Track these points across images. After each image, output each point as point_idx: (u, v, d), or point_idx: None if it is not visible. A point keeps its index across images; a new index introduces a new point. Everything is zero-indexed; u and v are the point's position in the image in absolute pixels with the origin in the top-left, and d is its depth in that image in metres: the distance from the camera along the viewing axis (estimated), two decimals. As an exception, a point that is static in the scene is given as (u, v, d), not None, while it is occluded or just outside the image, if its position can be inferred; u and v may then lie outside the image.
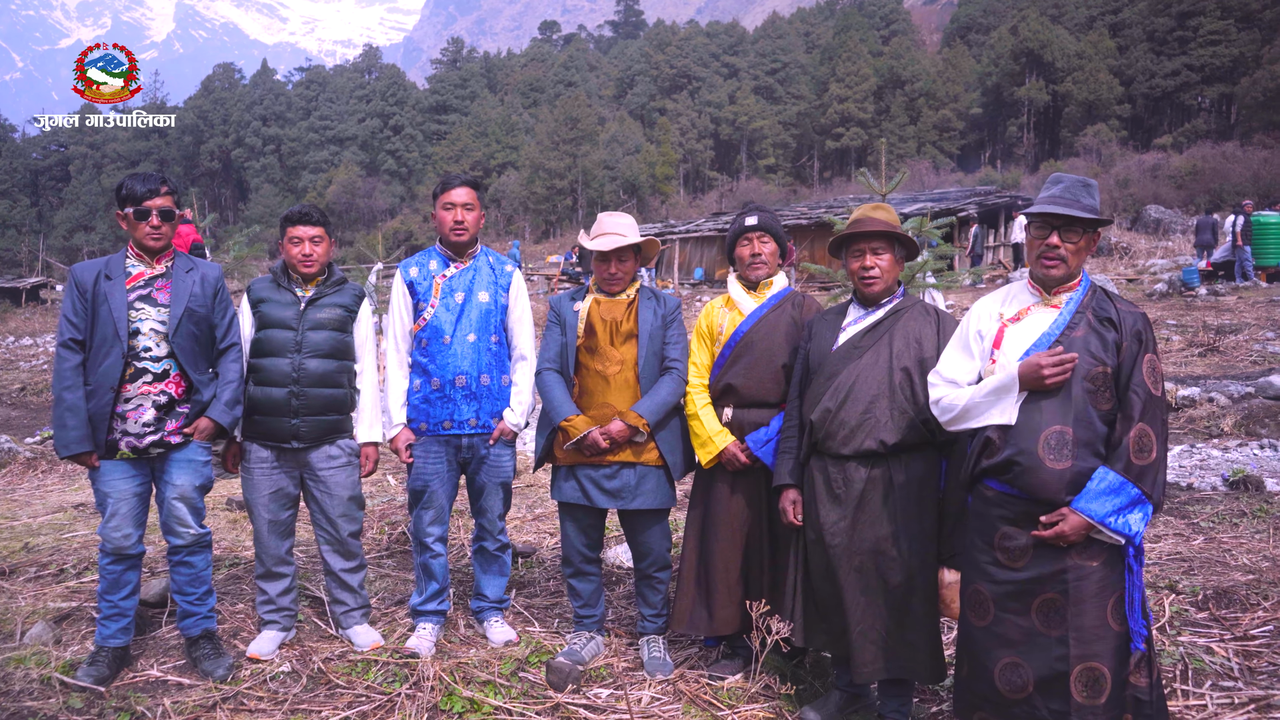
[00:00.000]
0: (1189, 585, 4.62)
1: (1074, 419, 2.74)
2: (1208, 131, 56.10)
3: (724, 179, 74.37)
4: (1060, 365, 2.74)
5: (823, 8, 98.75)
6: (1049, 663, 2.74)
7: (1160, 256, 26.23)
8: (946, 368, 3.06)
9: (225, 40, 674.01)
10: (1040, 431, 2.76)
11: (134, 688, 3.74)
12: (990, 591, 2.87)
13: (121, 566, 3.79)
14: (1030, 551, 2.78)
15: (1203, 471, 6.97)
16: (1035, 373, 2.76)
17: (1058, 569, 2.74)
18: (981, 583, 2.90)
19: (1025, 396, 2.81)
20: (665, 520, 4.08)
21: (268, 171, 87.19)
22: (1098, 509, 2.66)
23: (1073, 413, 2.74)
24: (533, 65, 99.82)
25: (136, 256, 3.84)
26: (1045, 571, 2.76)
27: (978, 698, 2.91)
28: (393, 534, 5.91)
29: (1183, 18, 60.92)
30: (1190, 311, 16.17)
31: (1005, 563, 2.83)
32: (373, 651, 4.08)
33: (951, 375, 3.02)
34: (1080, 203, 2.85)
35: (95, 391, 3.65)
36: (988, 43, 71.24)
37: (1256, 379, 9.61)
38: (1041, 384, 2.76)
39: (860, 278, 3.48)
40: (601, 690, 3.75)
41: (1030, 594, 2.78)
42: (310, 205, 4.18)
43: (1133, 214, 36.84)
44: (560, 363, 4.04)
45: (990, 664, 2.85)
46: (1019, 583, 2.80)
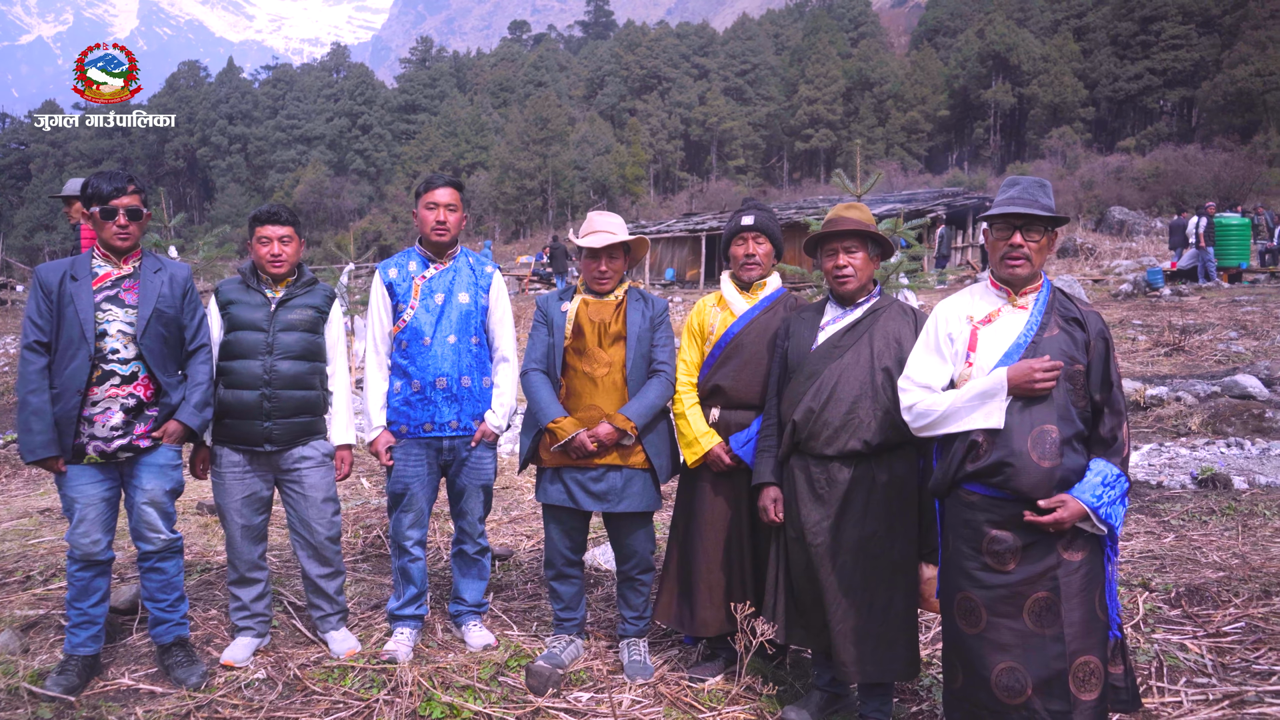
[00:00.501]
0: (1161, 583, 4.67)
1: (1058, 418, 2.78)
2: (1169, 134, 57.18)
3: (694, 180, 74.58)
4: (1051, 372, 2.77)
5: (792, 10, 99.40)
6: (1046, 662, 2.74)
7: (1125, 257, 26.59)
8: (918, 372, 3.04)
9: (190, 38, 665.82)
10: (1028, 432, 2.78)
11: (105, 697, 3.66)
12: (981, 598, 2.85)
13: (90, 573, 3.71)
14: (1019, 553, 2.80)
15: (1171, 470, 7.06)
16: (1028, 378, 2.77)
17: (1047, 567, 2.77)
18: (971, 589, 2.88)
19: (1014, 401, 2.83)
20: (650, 523, 4.06)
21: (234, 171, 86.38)
22: (1096, 499, 2.73)
23: (1056, 412, 2.78)
24: (502, 65, 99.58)
25: (103, 257, 3.75)
26: (1035, 571, 2.78)
27: (976, 706, 2.87)
28: (368, 537, 5.84)
29: (1145, 22, 62.00)
30: (1155, 311, 16.39)
31: (994, 566, 2.83)
32: (350, 657, 4.02)
33: (925, 380, 3.01)
34: (1039, 202, 2.91)
35: (61, 395, 3.56)
36: (955, 45, 72.04)
37: (1222, 378, 9.75)
38: (1033, 390, 2.78)
39: (835, 276, 3.49)
40: (582, 694, 3.72)
41: (1021, 595, 2.79)
42: (279, 204, 4.11)
43: (1097, 215, 37.38)
44: (547, 363, 4.00)
45: (987, 672, 2.83)
46: (1009, 586, 2.81)
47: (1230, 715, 3.40)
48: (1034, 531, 2.78)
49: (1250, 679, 3.69)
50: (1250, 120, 52.03)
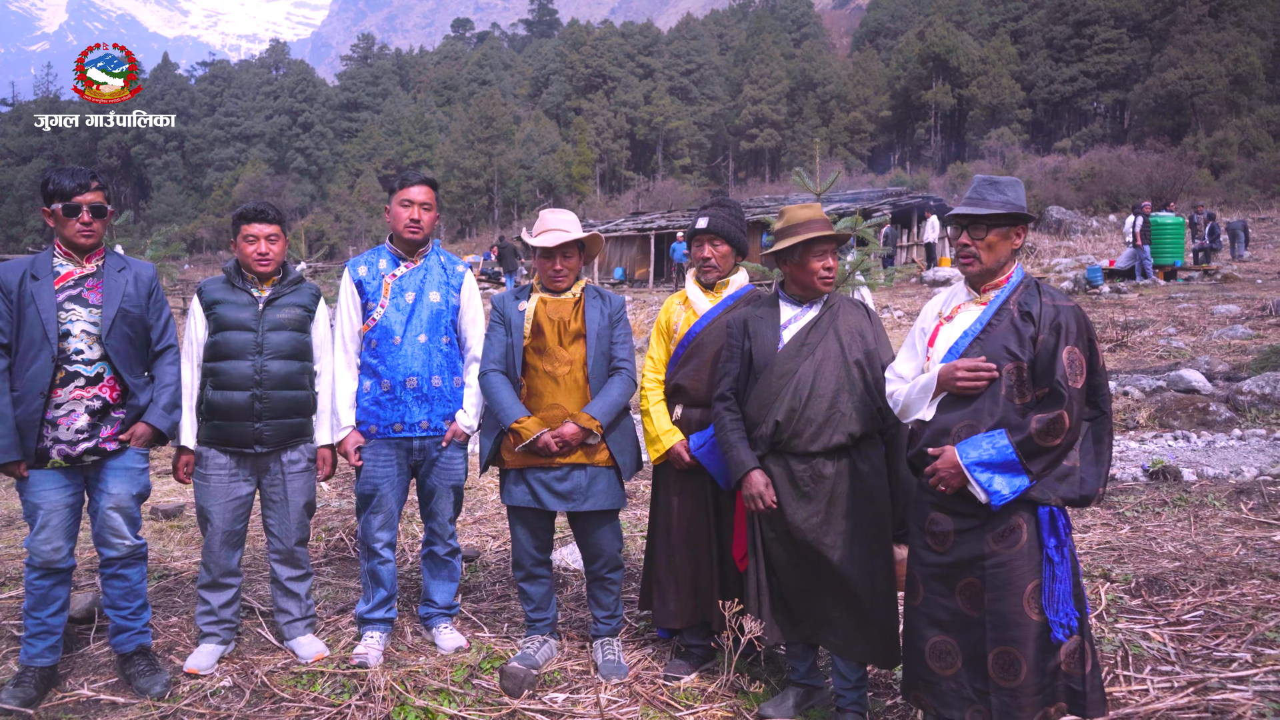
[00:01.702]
0: (1121, 573, 4.77)
1: (986, 413, 2.84)
2: (1104, 135, 58.65)
3: (640, 179, 74.65)
4: (975, 373, 2.86)
5: (735, 10, 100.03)
6: (972, 643, 2.86)
7: (1064, 255, 27.20)
8: (898, 364, 3.18)
9: (122, 33, 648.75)
10: (951, 426, 2.89)
11: (64, 709, 3.54)
12: (920, 573, 3.01)
13: (50, 581, 3.59)
14: (954, 536, 2.90)
15: (1123, 463, 7.23)
16: (949, 377, 2.91)
17: (977, 555, 2.85)
18: (914, 565, 3.05)
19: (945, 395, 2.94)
20: (616, 521, 4.05)
21: (170, 169, 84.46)
22: (970, 453, 2.78)
23: (986, 406, 2.84)
24: (446, 63, 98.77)
25: (65, 255, 3.64)
26: (965, 557, 2.87)
27: (913, 676, 3.04)
28: (331, 540, 5.74)
29: (1079, 26, 63.44)
30: (1096, 308, 16.79)
31: (933, 546, 2.96)
32: (318, 662, 3.94)
33: (900, 371, 3.15)
34: (986, 200, 2.97)
35: (23, 398, 3.45)
36: (896, 47, 73.02)
37: (1166, 373, 10.01)
38: (955, 389, 2.90)
39: (823, 278, 3.49)
40: (558, 694, 3.69)
41: (953, 577, 2.90)
42: (265, 202, 4.04)
43: (1036, 215, 38.15)
44: (506, 363, 3.95)
45: (921, 643, 2.99)
46: (943, 566, 2.92)
47: (1195, 702, 3.48)
48: (968, 519, 2.87)
49: (1212, 666, 3.77)
50: (1180, 122, 53.59)
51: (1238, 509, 5.86)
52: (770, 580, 3.52)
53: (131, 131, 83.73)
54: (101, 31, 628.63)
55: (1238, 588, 4.49)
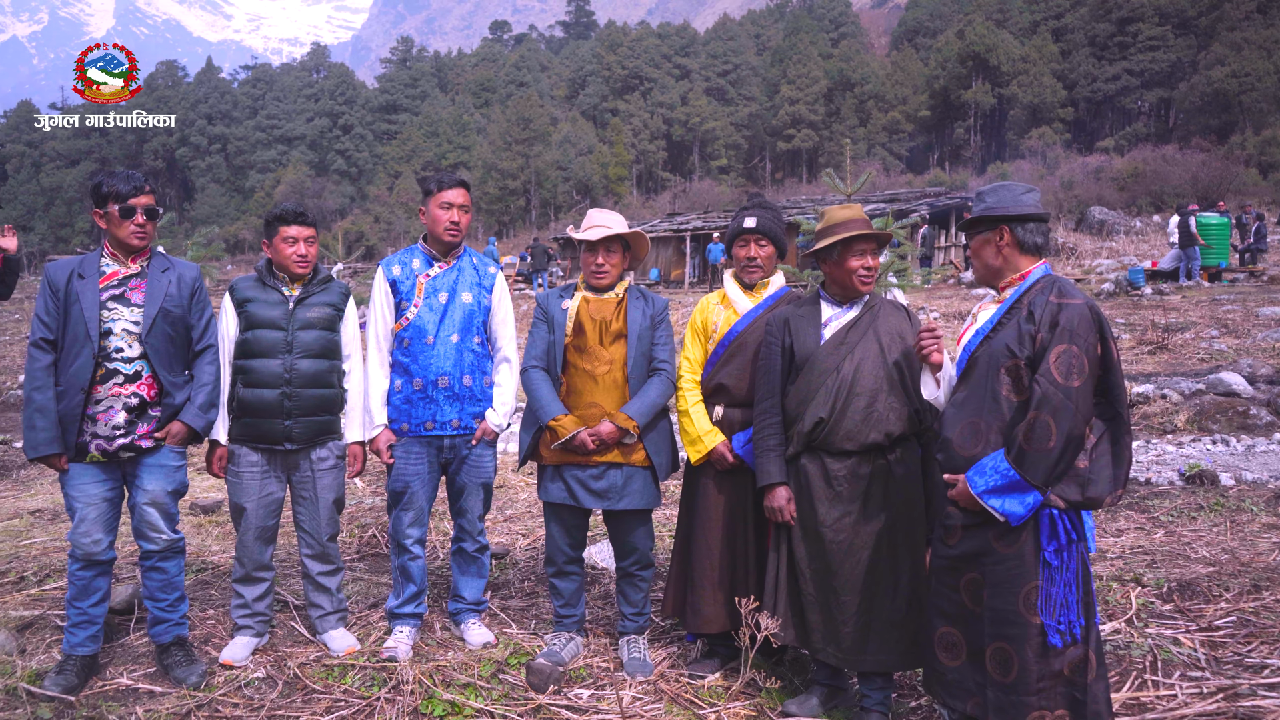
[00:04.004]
0: (1153, 578, 4.72)
1: (986, 410, 2.88)
2: (1148, 135, 57.66)
3: (677, 180, 74.61)
4: (931, 336, 3.15)
5: (773, 10, 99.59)
6: (974, 637, 2.90)
7: (1106, 257, 26.81)
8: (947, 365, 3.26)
9: (167, 37, 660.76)
10: (959, 423, 2.95)
11: (104, 696, 3.64)
12: (933, 564, 3.09)
13: (91, 573, 3.70)
14: (961, 531, 2.94)
15: (1159, 466, 7.14)
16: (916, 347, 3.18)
17: (979, 551, 2.88)
18: (932, 557, 3.13)
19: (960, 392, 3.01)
20: (649, 520, 4.08)
21: (214, 171, 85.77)
22: (979, 482, 2.82)
23: (986, 404, 2.88)
24: (484, 65, 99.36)
25: (111, 256, 3.76)
26: (969, 551, 2.91)
27: (929, 669, 3.10)
28: (363, 537, 5.83)
29: (1122, 23, 62.46)
30: (1138, 310, 16.54)
31: (945, 539, 3.01)
32: (349, 656, 4.01)
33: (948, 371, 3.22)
34: (974, 211, 3.11)
35: (65, 392, 3.57)
36: (935, 46, 72.30)
37: (1206, 376, 9.85)
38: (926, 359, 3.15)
39: (860, 277, 3.51)
40: (583, 691, 3.73)
41: (958, 571, 2.95)
42: (300, 204, 4.12)
43: (1077, 215, 37.59)
44: (547, 361, 4.00)
45: (931, 633, 3.05)
46: (950, 559, 2.98)
47: (1224, 708, 3.44)
48: (973, 515, 2.89)
49: (1243, 672, 3.73)
50: (1227, 121, 52.59)
51: (1276, 514, 5.77)
52: (789, 580, 3.54)
53: (177, 134, 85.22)
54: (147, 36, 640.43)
55: (1272, 594, 4.42)
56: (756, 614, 3.45)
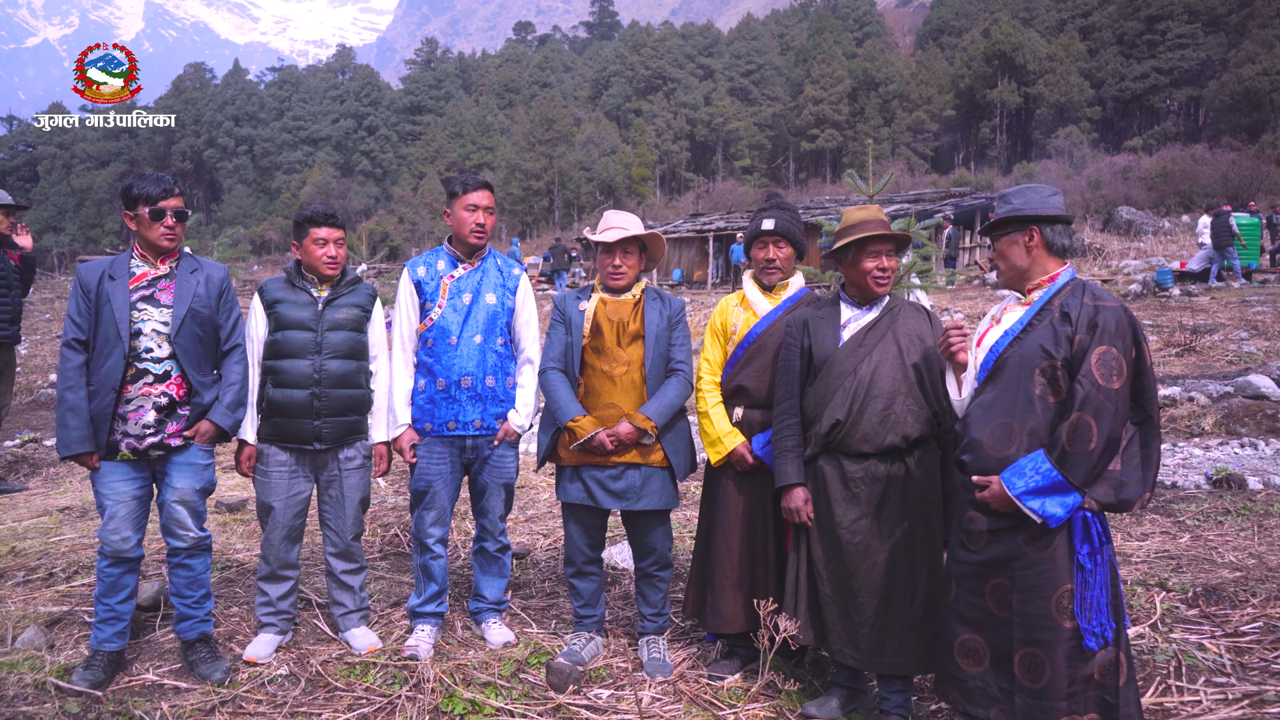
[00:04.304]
0: (1179, 583, 4.68)
1: (1020, 412, 2.85)
2: (1176, 134, 56.97)
3: (700, 180, 74.57)
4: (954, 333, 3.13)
5: (797, 10, 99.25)
6: (1000, 642, 2.88)
7: (1133, 257, 26.53)
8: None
9: (195, 40, 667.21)
10: (989, 424, 2.91)
11: (130, 692, 3.69)
12: (953, 570, 3.05)
13: (120, 570, 3.75)
14: (986, 536, 2.91)
15: (1186, 470, 7.06)
16: (943, 344, 3.15)
17: (1007, 556, 2.86)
18: (950, 562, 3.09)
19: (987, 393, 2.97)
20: (668, 521, 4.09)
21: (240, 172, 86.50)
22: (1017, 484, 2.78)
23: (1020, 405, 2.86)
24: (507, 66, 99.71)
25: (141, 257, 3.82)
26: (996, 556, 2.89)
27: (944, 673, 3.07)
28: (385, 536, 5.87)
29: (1151, 21, 61.81)
30: (1165, 312, 16.36)
31: (967, 544, 2.98)
32: (371, 654, 4.05)
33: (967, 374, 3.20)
34: (998, 212, 3.09)
35: (97, 392, 3.63)
36: (960, 45, 71.84)
37: (1235, 378, 9.74)
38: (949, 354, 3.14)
39: (875, 278, 3.52)
40: (602, 691, 3.74)
41: (983, 576, 2.93)
42: (329, 206, 4.17)
43: (1104, 215, 37.23)
44: (565, 362, 4.02)
45: (951, 639, 3.02)
46: (975, 565, 2.95)
47: (1250, 714, 3.41)
48: (1002, 519, 2.87)
49: (1269, 678, 3.69)
50: (1258, 119, 51.85)
51: (1305, 519, 5.70)
52: (809, 581, 3.54)
53: (205, 136, 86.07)
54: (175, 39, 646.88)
55: (1300, 599, 4.37)
56: (775, 615, 3.45)
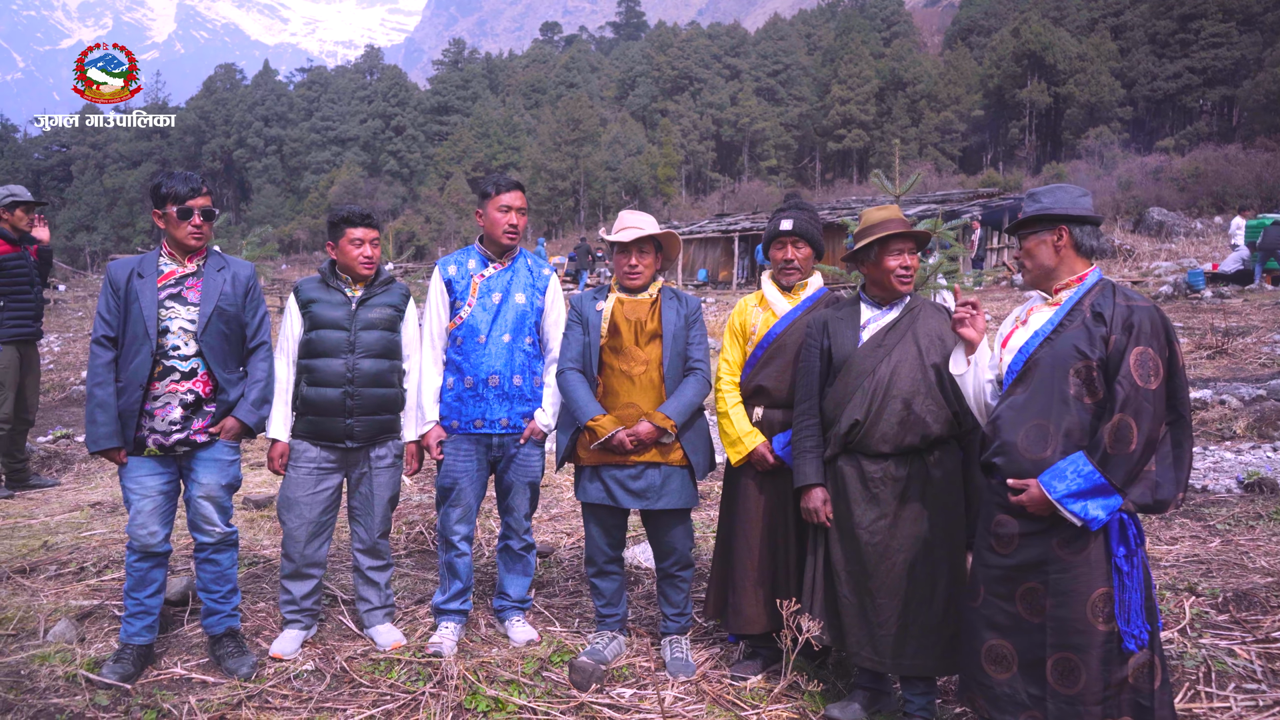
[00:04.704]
0: (1208, 587, 4.61)
1: (1055, 413, 2.81)
2: (1210, 134, 56.15)
3: (726, 180, 74.42)
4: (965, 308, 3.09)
5: (824, 9, 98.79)
6: (1031, 647, 2.83)
7: (1164, 259, 26.20)
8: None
9: (226, 41, 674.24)
10: (1021, 425, 2.86)
11: (159, 685, 3.74)
12: (981, 575, 3.00)
13: (148, 564, 3.81)
14: (1018, 539, 2.88)
15: (1216, 474, 6.97)
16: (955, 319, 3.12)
17: (1040, 560, 2.82)
18: (977, 566, 3.05)
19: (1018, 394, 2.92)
20: (688, 520, 4.09)
21: (270, 172, 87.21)
22: (1057, 487, 2.73)
23: (1055, 406, 2.82)
24: (534, 66, 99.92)
25: (169, 255, 3.87)
26: (1029, 560, 2.85)
27: (968, 678, 3.03)
28: (410, 533, 5.91)
29: (1184, 20, 60.98)
30: (1196, 314, 16.16)
31: (996, 548, 2.94)
32: (395, 650, 4.08)
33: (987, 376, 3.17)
34: (1024, 212, 3.06)
35: (125, 388, 3.69)
36: (989, 45, 71.18)
37: (1267, 381, 9.60)
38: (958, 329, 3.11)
39: (898, 276, 3.51)
40: (625, 690, 3.75)
41: (1014, 581, 2.88)
42: (365, 207, 4.20)
43: (1135, 216, 36.79)
44: (583, 362, 4.03)
45: (978, 644, 2.98)
46: (1005, 569, 2.91)
47: (1281, 720, 3.37)
48: (1034, 522, 2.83)
49: (1301, 685, 3.64)
50: (1293, 119, 51.08)
51: (1339, 524, 5.61)
52: (826, 582, 3.54)
53: (234, 136, 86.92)
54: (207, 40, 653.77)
55: (1333, 605, 4.30)
56: (798, 616, 3.44)
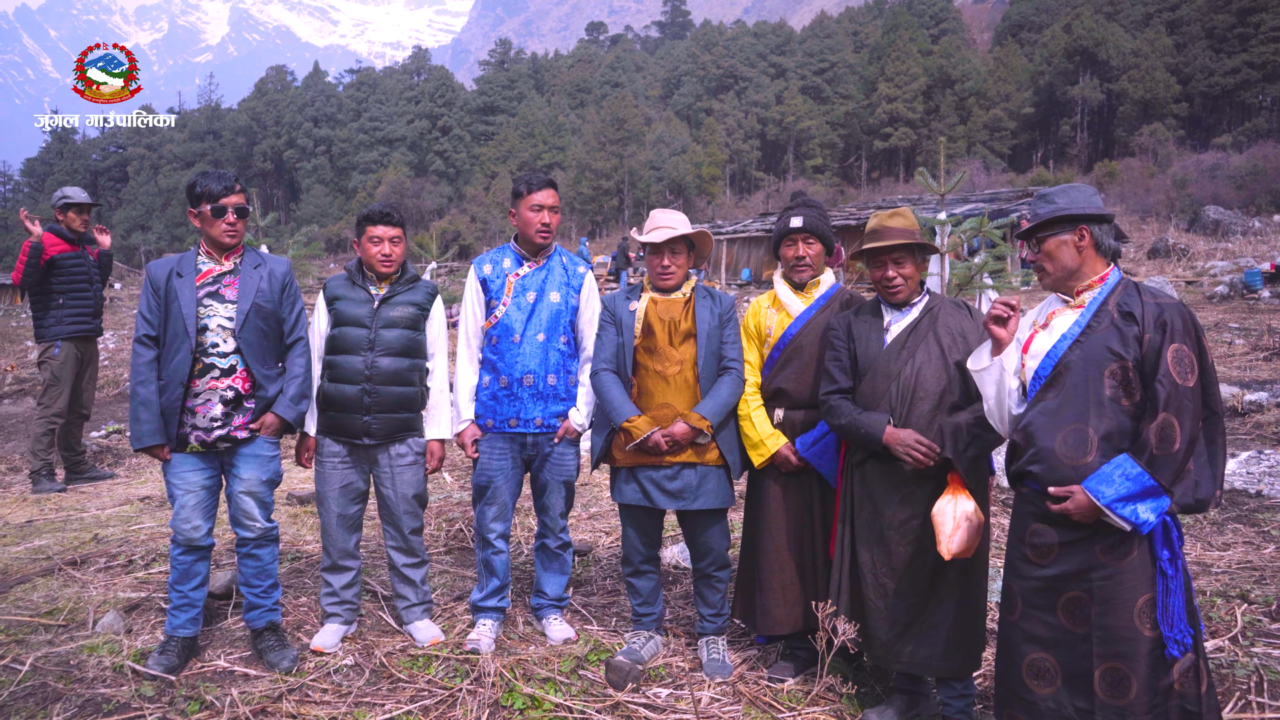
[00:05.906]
0: (1261, 595, 4.50)
1: (1092, 416, 2.74)
2: (1269, 130, 54.76)
3: (771, 179, 74.12)
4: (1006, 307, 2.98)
5: (871, 7, 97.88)
6: (1075, 659, 2.75)
7: (1220, 258, 25.63)
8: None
9: (278, 43, 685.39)
10: (1058, 431, 2.79)
11: (203, 677, 3.80)
12: (1018, 587, 2.91)
13: (191, 558, 3.87)
14: (1057, 549, 2.80)
15: (1272, 478, 6.79)
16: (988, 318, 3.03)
17: (1083, 568, 2.75)
18: (1012, 579, 2.95)
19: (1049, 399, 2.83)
20: (725, 520, 4.06)
21: (319, 172, 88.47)
22: (1105, 492, 2.65)
23: (1091, 409, 2.74)
24: (579, 66, 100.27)
25: (207, 254, 3.93)
26: (1070, 570, 2.77)
27: (1010, 694, 2.94)
28: (450, 530, 5.95)
29: (1243, 14, 59.59)
30: (1253, 314, 15.79)
31: (1033, 559, 2.86)
32: (433, 646, 4.11)
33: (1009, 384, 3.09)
34: (1037, 215, 3.02)
35: (167, 386, 3.75)
36: (1040, 41, 70.16)
37: (1326, 384, 9.35)
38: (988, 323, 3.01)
39: (885, 287, 3.50)
40: (661, 690, 3.74)
41: (1055, 591, 2.80)
42: (389, 205, 4.23)
43: (1190, 215, 36.00)
44: (617, 363, 4.02)
45: (1018, 659, 2.89)
46: (1045, 579, 2.82)
47: (1335, 732, 3.27)
48: (1075, 530, 2.76)
49: (1356, 696, 3.53)
50: (1357, 115, 49.70)
51: (1399, 531, 5.44)
52: (852, 584, 3.52)
53: (284, 137, 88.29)
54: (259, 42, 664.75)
55: (1392, 615, 4.18)
56: (833, 618, 3.42)
